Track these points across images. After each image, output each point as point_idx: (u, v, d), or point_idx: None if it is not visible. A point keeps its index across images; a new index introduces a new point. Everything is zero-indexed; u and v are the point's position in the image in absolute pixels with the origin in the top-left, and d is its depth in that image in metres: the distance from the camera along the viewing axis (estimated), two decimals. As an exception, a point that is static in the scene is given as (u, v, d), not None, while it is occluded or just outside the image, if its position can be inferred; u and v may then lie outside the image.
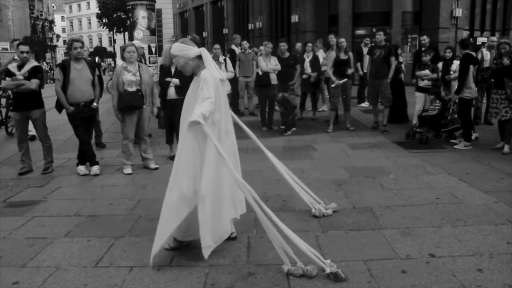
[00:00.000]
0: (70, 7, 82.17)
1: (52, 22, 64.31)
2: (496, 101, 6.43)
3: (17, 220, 4.16)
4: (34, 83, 5.62)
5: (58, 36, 66.55)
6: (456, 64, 7.37)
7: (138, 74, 5.67)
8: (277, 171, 4.04)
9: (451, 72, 7.55)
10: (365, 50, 9.66)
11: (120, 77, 5.60)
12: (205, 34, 31.97)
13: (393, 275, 2.95)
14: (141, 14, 11.19)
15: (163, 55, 6.48)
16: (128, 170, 5.76)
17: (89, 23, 77.23)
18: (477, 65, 7.34)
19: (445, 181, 5.06)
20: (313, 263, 2.96)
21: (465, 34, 17.77)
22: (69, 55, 5.76)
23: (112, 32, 44.71)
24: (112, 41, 51.47)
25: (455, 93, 6.81)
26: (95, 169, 5.76)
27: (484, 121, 8.59)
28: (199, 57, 3.26)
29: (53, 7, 70.83)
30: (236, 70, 9.64)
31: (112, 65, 43.65)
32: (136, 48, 5.86)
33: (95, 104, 5.84)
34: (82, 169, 5.77)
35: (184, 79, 5.21)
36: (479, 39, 18.34)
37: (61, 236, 3.76)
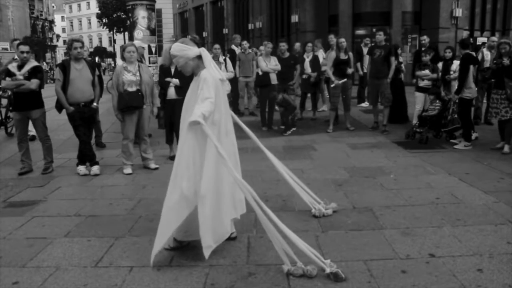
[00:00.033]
0: (70, 7, 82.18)
1: (52, 22, 64.33)
2: (496, 101, 6.43)
3: (17, 220, 4.16)
4: (34, 83, 5.63)
5: (58, 36, 66.57)
6: (456, 64, 7.38)
7: (138, 74, 5.67)
8: (277, 171, 4.04)
9: (451, 72, 7.55)
10: (365, 50, 9.66)
11: (120, 77, 5.60)
12: (205, 34, 31.98)
13: (393, 275, 2.95)
14: (141, 14, 11.19)
15: (163, 55, 6.48)
16: (128, 170, 5.76)
17: (89, 23, 77.23)
18: (477, 65, 7.35)
19: (445, 181, 5.06)
20: (313, 263, 2.96)
21: (465, 34, 17.77)
22: (69, 55, 5.76)
23: (112, 32, 44.73)
24: (112, 41, 51.48)
25: (455, 93, 6.81)
26: (95, 169, 5.76)
27: (484, 121, 8.59)
28: (199, 57, 3.26)
29: (53, 7, 70.85)
30: (236, 70, 9.63)
31: (112, 65, 43.65)
32: (136, 48, 5.87)
33: (95, 104, 5.84)
34: (82, 169, 5.78)
35: (184, 79, 5.21)
36: (479, 39, 18.37)
37: (61, 236, 3.76)
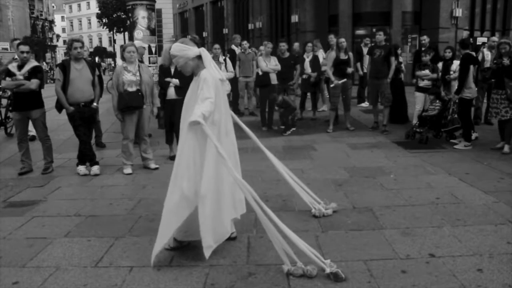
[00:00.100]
0: (70, 7, 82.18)
1: (52, 22, 64.34)
2: (496, 101, 6.43)
3: (17, 220, 4.16)
4: (34, 83, 5.63)
5: (58, 36, 66.57)
6: (456, 64, 7.38)
7: (138, 74, 5.67)
8: (277, 171, 4.04)
9: (451, 72, 7.55)
10: (365, 50, 9.66)
11: (120, 77, 5.60)
12: (205, 34, 31.99)
13: (393, 275, 2.95)
14: (141, 14, 11.19)
15: (163, 55, 6.48)
16: (128, 170, 5.76)
17: (89, 23, 77.23)
18: (477, 65, 7.34)
19: (445, 181, 5.06)
20: (313, 263, 2.96)
21: (465, 34, 17.77)
22: (69, 55, 5.76)
23: (112, 32, 44.73)
24: (112, 41, 51.48)
25: (455, 93, 6.81)
26: (95, 169, 5.76)
27: (484, 121, 8.59)
28: (199, 57, 3.26)
29: (53, 7, 70.85)
30: (236, 70, 9.63)
31: (112, 65, 43.65)
32: (136, 48, 5.87)
33: (95, 104, 5.84)
34: (82, 169, 5.78)
35: (184, 79, 5.21)
36: (479, 39, 18.36)
37: (61, 236, 3.76)
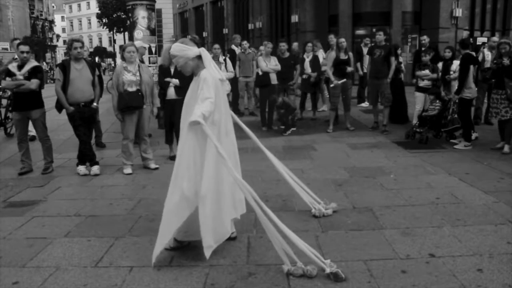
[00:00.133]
0: (70, 7, 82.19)
1: (52, 22, 64.33)
2: (496, 101, 6.43)
3: (17, 220, 4.16)
4: (34, 83, 5.62)
5: (58, 36, 66.56)
6: (456, 64, 7.38)
7: (138, 74, 5.67)
8: (277, 171, 4.04)
9: (451, 72, 7.55)
10: (365, 50, 9.66)
11: (120, 77, 5.60)
12: (205, 34, 31.98)
13: (393, 275, 2.95)
14: (141, 14, 11.19)
15: (162, 55, 6.48)
16: (128, 170, 5.76)
17: (89, 23, 77.24)
18: (478, 65, 7.34)
19: (445, 181, 5.06)
20: (313, 263, 2.96)
21: (465, 34, 17.77)
22: (69, 55, 5.76)
23: (112, 32, 44.75)
24: (112, 41, 51.49)
25: (456, 93, 6.81)
26: (95, 169, 5.76)
27: (484, 121, 8.60)
28: (199, 57, 3.26)
29: (53, 7, 70.85)
30: (236, 70, 9.64)
31: (112, 65, 43.65)
32: (137, 48, 5.87)
33: (95, 104, 5.84)
34: (82, 169, 5.78)
35: (184, 79, 5.21)
36: (479, 39, 18.36)
37: (61, 236, 3.76)
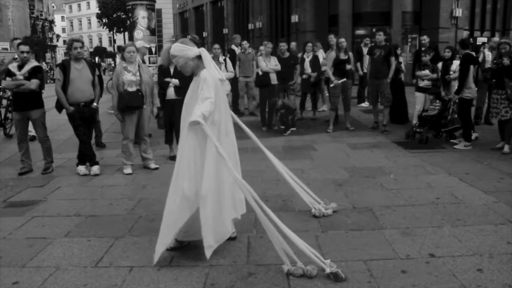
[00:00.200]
0: (70, 7, 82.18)
1: (52, 22, 64.30)
2: (496, 101, 6.43)
3: (17, 220, 4.16)
4: (34, 83, 5.62)
5: (58, 36, 66.53)
6: (456, 64, 7.38)
7: (138, 74, 5.67)
8: (277, 171, 4.04)
9: (451, 72, 7.55)
10: (365, 50, 9.65)
11: (120, 77, 5.60)
12: (205, 34, 31.98)
13: (393, 275, 2.95)
14: (141, 14, 11.21)
15: (162, 55, 6.49)
16: (128, 170, 5.76)
17: (89, 23, 77.22)
18: (478, 65, 7.34)
19: (445, 181, 5.06)
20: (313, 263, 2.96)
21: (465, 34, 17.77)
22: (69, 55, 5.76)
23: (112, 32, 44.74)
24: (112, 41, 51.48)
25: (456, 93, 6.81)
26: (95, 169, 5.76)
27: (484, 121, 8.60)
28: (199, 57, 3.26)
29: (53, 7, 70.82)
30: (236, 70, 9.63)
31: (112, 65, 43.64)
32: (137, 48, 5.87)
33: (95, 104, 5.84)
34: (82, 169, 5.78)
35: (184, 79, 5.20)
36: (479, 39, 18.36)
37: (61, 236, 3.76)
